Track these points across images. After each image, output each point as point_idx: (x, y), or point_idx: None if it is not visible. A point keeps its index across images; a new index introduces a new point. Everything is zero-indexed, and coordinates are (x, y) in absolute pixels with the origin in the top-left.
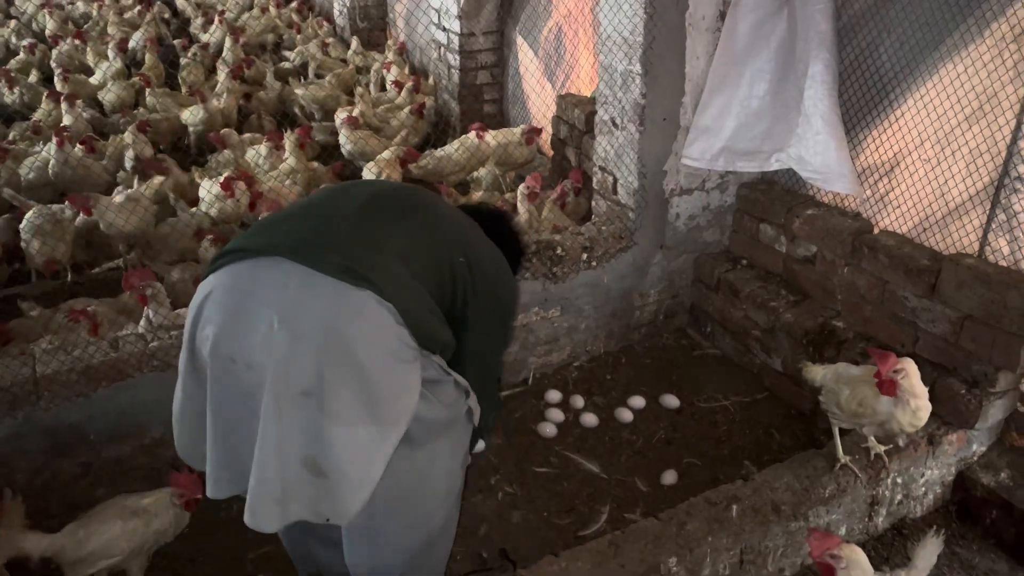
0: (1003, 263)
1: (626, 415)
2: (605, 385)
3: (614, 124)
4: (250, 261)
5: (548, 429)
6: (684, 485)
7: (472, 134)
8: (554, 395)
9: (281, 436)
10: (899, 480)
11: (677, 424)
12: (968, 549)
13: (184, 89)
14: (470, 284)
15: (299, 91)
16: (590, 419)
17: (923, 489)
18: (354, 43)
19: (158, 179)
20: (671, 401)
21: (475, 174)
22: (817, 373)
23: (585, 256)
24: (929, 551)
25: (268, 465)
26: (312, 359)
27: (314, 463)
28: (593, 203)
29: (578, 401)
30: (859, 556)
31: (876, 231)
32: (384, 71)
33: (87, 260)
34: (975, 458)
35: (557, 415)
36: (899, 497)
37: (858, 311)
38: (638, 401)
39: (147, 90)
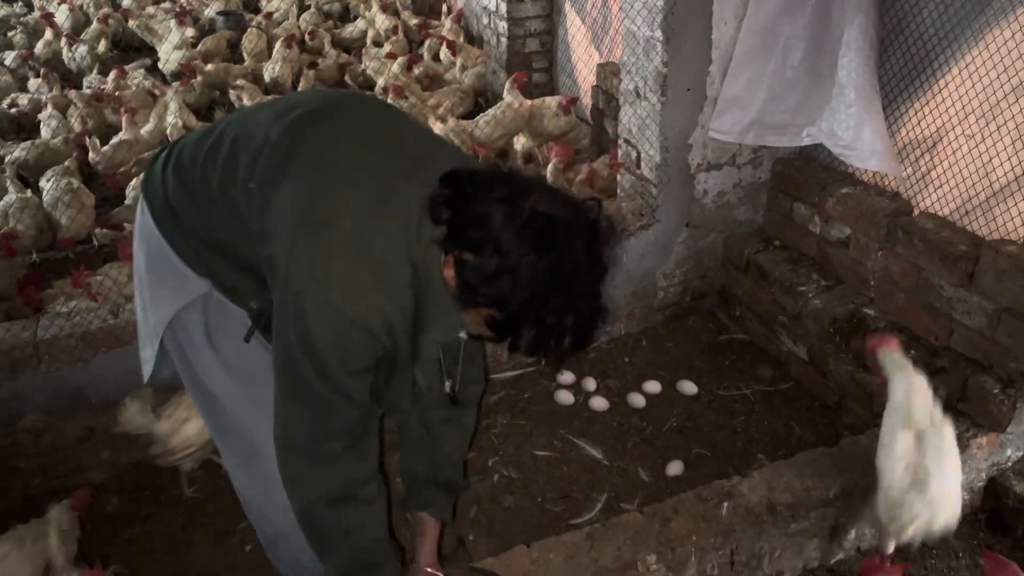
0: None
1: (638, 400)
2: (622, 368)
3: (637, 94)
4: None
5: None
6: (689, 477)
7: (507, 96)
8: (567, 376)
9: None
10: None
11: (692, 412)
12: None
13: (247, 59)
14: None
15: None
16: (599, 403)
17: None
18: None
19: None
20: (688, 387)
21: (516, 145)
22: None
23: None
24: None
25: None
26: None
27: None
28: (618, 177)
29: (590, 384)
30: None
31: (916, 213)
32: (441, 43)
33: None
34: (1009, 464)
35: (567, 397)
36: None
37: (891, 299)
38: (653, 386)
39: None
